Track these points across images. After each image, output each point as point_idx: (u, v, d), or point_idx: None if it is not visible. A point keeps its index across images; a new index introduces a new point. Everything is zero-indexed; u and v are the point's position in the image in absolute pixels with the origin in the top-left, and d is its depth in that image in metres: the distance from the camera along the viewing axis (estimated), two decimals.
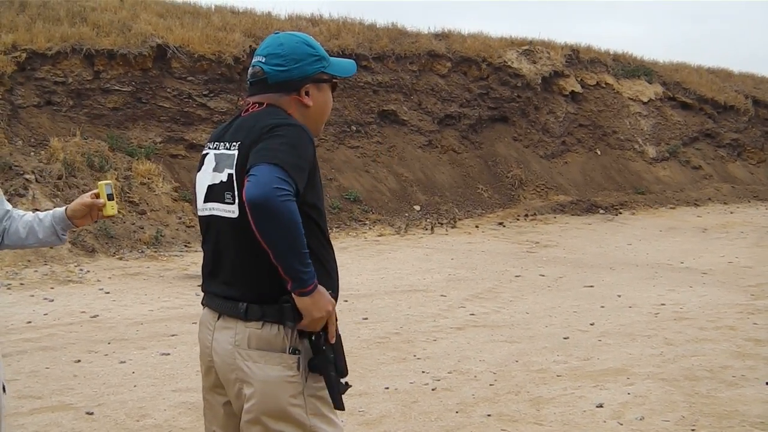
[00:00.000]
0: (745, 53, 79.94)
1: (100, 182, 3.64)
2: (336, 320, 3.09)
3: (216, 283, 3.20)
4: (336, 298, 3.13)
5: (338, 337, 3.09)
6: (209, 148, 3.22)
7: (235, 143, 3.07)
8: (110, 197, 3.57)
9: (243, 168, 2.96)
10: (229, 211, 3.07)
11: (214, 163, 3.15)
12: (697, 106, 29.84)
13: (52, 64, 17.49)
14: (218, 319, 3.16)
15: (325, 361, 3.02)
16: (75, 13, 19.27)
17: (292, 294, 2.93)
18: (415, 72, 23.59)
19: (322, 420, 3.05)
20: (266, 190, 2.77)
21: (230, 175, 3.05)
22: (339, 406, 3.05)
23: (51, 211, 3.65)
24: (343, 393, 3.07)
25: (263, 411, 3.02)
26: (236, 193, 3.02)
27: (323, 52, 3.22)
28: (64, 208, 3.64)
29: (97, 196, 3.57)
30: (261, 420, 3.03)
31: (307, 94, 3.16)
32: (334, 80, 3.26)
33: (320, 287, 2.97)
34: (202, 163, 3.24)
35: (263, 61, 3.16)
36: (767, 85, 34.59)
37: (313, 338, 3.02)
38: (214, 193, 3.13)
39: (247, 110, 3.17)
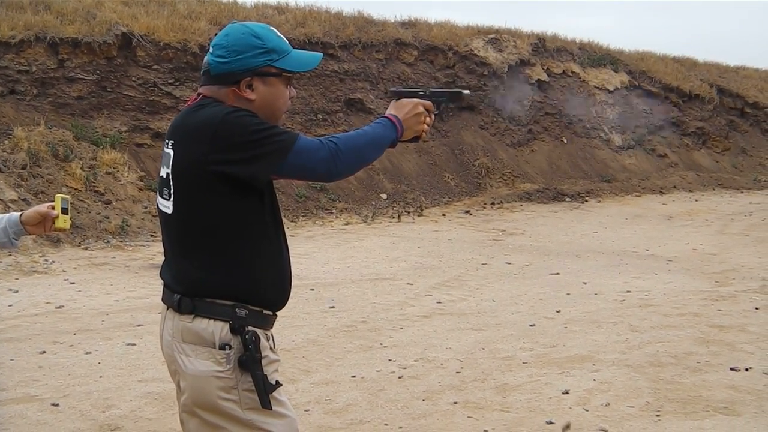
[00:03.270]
0: (711, 43, 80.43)
1: (57, 195, 3.70)
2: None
3: (164, 272, 3.23)
4: (267, 306, 3.15)
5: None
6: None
7: (170, 141, 3.09)
8: (65, 211, 3.64)
9: (182, 169, 3.00)
10: (167, 206, 3.10)
11: (162, 157, 3.19)
12: (663, 94, 29.96)
13: (15, 53, 17.30)
14: (167, 309, 3.17)
15: (251, 360, 2.99)
16: (39, 0, 19.08)
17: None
18: (381, 60, 23.56)
19: (263, 413, 3.01)
20: (323, 163, 2.99)
21: (168, 174, 3.07)
22: (265, 405, 2.99)
23: (7, 215, 3.68)
24: (271, 392, 3.01)
25: (196, 404, 3.03)
26: (172, 190, 3.05)
27: (275, 44, 3.10)
28: (19, 213, 3.66)
29: (54, 207, 3.61)
30: (196, 412, 3.04)
31: (250, 87, 3.07)
32: (284, 74, 3.14)
33: (392, 113, 3.24)
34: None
35: (210, 51, 3.12)
36: (732, 74, 34.81)
37: (245, 335, 3.01)
38: (159, 187, 3.18)
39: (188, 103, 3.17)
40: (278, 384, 3.07)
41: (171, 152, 3.05)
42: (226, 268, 3.04)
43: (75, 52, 17.89)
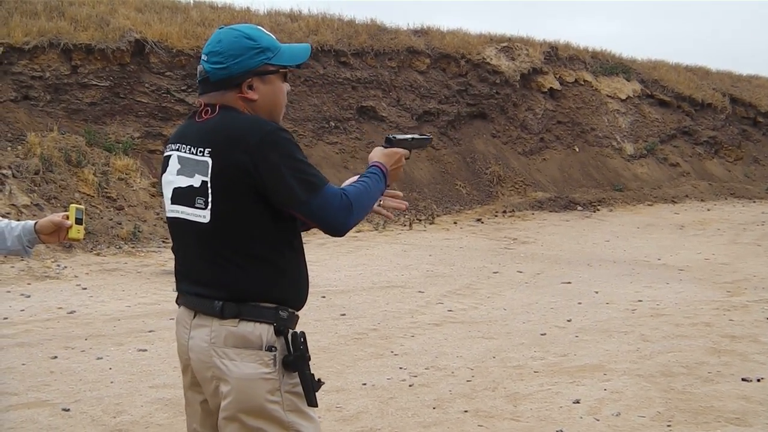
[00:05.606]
0: (723, 51, 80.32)
1: (71, 205, 3.71)
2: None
3: (189, 282, 3.19)
4: (299, 307, 3.19)
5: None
6: (171, 149, 3.19)
7: (204, 149, 3.05)
8: (79, 221, 3.65)
9: (223, 178, 2.99)
10: (200, 216, 3.06)
11: (178, 166, 3.14)
12: (675, 103, 29.95)
13: (29, 59, 17.40)
14: (194, 317, 3.15)
15: (301, 359, 3.03)
16: (52, 7, 19.16)
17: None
18: (393, 68, 23.59)
19: (300, 416, 3.05)
20: (339, 218, 3.04)
21: (204, 182, 3.04)
22: (313, 403, 3.05)
23: (22, 223, 3.68)
24: (317, 390, 3.07)
25: (240, 408, 3.02)
26: (209, 199, 3.03)
27: (268, 43, 3.15)
28: (34, 222, 3.67)
29: (68, 217, 3.61)
30: (238, 417, 3.03)
31: (250, 87, 3.11)
32: (281, 70, 3.19)
33: (383, 161, 3.34)
34: (166, 165, 3.21)
35: (205, 59, 3.12)
36: (744, 83, 34.75)
37: (290, 336, 3.04)
38: (182, 197, 3.12)
39: (201, 115, 3.13)
40: (321, 382, 3.12)
41: (208, 160, 3.02)
42: (267, 273, 3.06)
43: (88, 58, 17.98)
